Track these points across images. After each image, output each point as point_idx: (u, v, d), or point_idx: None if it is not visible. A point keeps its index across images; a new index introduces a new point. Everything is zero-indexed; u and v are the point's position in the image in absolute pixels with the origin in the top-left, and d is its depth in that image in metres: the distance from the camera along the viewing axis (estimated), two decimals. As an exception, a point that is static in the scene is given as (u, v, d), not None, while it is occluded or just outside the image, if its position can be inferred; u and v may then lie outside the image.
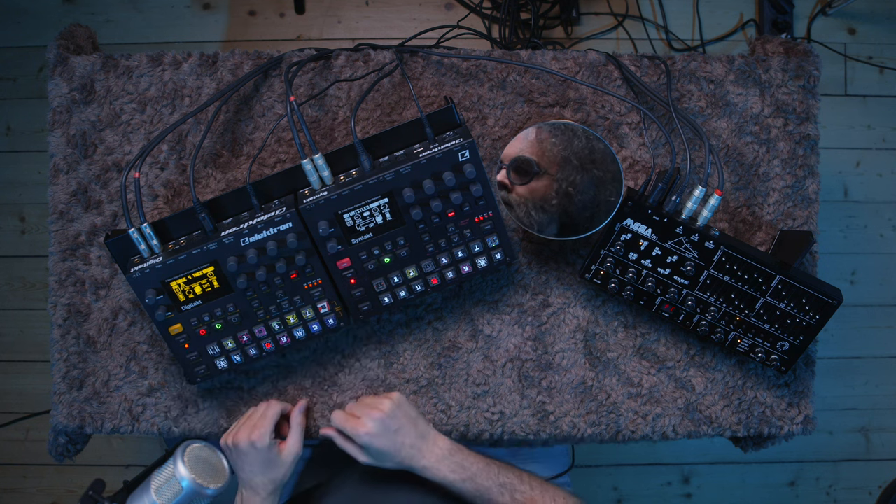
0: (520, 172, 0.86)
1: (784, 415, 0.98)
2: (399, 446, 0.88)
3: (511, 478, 0.89)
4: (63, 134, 0.96)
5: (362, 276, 0.88)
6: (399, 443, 0.88)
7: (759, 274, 0.87)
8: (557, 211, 0.87)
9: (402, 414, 0.89)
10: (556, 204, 0.86)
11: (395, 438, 0.88)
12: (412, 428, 0.89)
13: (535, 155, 0.86)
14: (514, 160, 0.86)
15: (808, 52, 0.98)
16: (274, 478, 0.90)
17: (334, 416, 0.90)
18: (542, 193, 0.86)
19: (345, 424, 0.89)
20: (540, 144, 0.85)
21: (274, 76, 0.97)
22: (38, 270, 1.81)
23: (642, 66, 0.97)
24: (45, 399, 1.78)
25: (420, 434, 0.89)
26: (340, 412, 0.91)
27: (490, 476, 0.88)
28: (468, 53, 0.97)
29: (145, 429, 0.97)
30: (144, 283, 0.84)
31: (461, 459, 0.89)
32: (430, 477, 0.88)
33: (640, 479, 1.85)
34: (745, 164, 0.98)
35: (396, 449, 0.88)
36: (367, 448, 0.88)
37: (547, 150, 0.85)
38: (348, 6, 1.82)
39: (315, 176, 0.84)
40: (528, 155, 0.86)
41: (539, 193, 0.86)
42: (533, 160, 0.86)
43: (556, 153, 0.85)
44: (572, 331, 0.97)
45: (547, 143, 0.85)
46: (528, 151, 0.86)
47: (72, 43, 0.99)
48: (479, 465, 0.89)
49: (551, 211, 0.87)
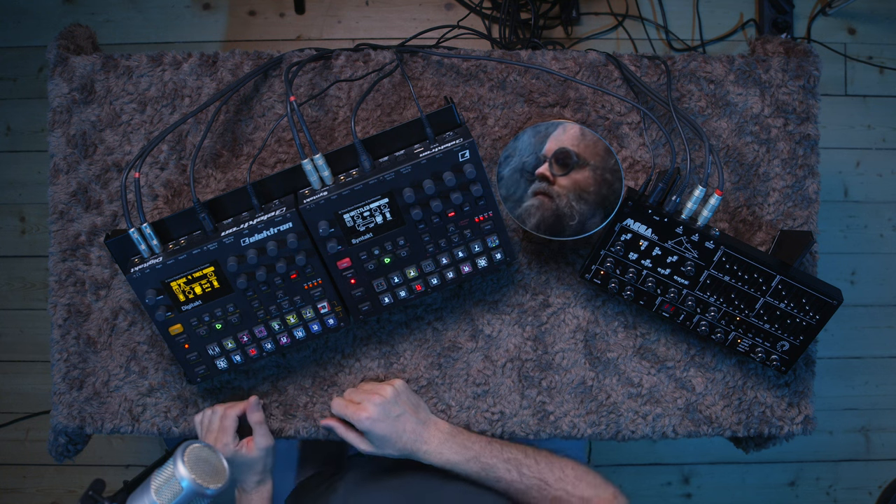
0: (560, 164, 0.86)
1: (784, 415, 0.98)
2: (400, 432, 0.88)
3: (515, 453, 0.89)
4: (63, 134, 0.96)
5: (362, 276, 0.88)
6: (400, 429, 0.88)
7: (759, 274, 0.87)
8: (596, 201, 0.87)
9: (404, 400, 0.90)
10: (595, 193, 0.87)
11: (397, 424, 0.88)
12: (413, 414, 0.90)
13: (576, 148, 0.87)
14: (556, 152, 0.86)
15: (808, 52, 0.98)
16: (256, 471, 0.93)
17: (334, 404, 0.91)
18: (583, 184, 0.86)
19: (345, 411, 0.89)
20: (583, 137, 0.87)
21: (274, 76, 0.97)
22: (38, 270, 1.81)
23: (642, 66, 0.97)
24: (45, 399, 1.78)
25: (421, 420, 0.90)
26: (340, 399, 0.91)
27: (494, 453, 0.88)
28: (468, 53, 0.97)
29: (145, 429, 0.97)
30: (144, 283, 0.84)
31: (463, 440, 0.90)
32: (434, 461, 0.89)
33: (640, 479, 1.85)
34: (745, 164, 0.98)
35: (398, 435, 0.88)
36: (369, 434, 0.88)
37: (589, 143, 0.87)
38: (348, 6, 1.83)
39: (315, 176, 0.84)
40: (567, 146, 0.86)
41: (580, 184, 0.87)
42: (572, 151, 0.86)
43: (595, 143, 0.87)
44: (572, 331, 0.97)
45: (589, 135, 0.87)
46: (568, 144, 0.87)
47: (72, 43, 0.99)
48: (482, 444, 0.89)
49: (591, 201, 0.87)
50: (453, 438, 0.90)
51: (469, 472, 0.88)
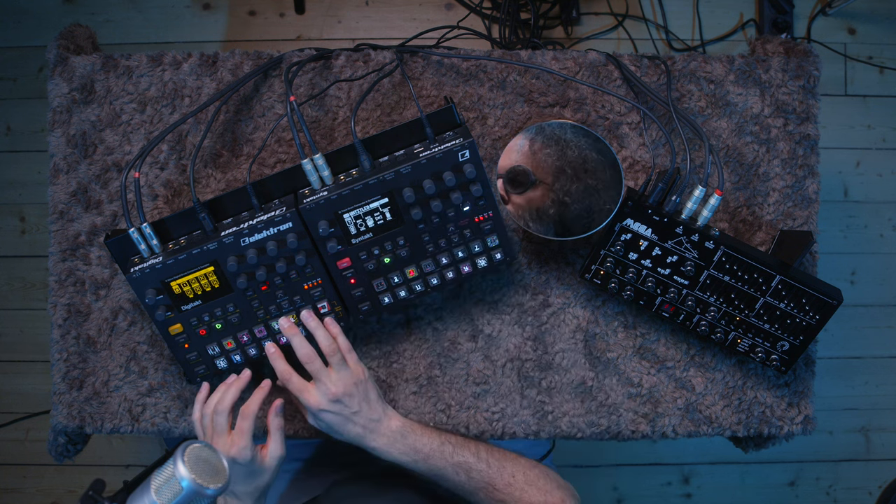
0: (515, 183, 0.86)
1: (784, 415, 0.98)
2: (351, 426, 0.87)
3: (466, 456, 0.88)
4: (63, 134, 0.96)
5: (362, 276, 0.88)
6: (351, 423, 0.87)
7: (759, 274, 0.87)
8: (553, 220, 0.87)
9: (361, 397, 0.87)
10: (553, 213, 0.86)
11: (347, 420, 0.87)
12: (367, 411, 0.88)
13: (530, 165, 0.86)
14: (509, 171, 0.86)
15: (808, 52, 0.98)
16: (258, 485, 0.88)
17: (279, 367, 0.87)
18: (539, 203, 0.87)
19: (300, 393, 0.87)
20: (533, 155, 0.86)
21: (274, 76, 0.97)
22: (38, 270, 1.81)
23: (642, 66, 0.97)
24: (45, 399, 1.78)
25: (374, 417, 0.88)
26: (287, 365, 0.88)
27: (444, 456, 0.88)
28: (468, 53, 0.97)
29: (145, 429, 0.97)
30: (144, 283, 0.84)
31: (413, 441, 0.88)
32: (382, 457, 0.88)
33: (640, 479, 1.85)
34: (745, 164, 0.98)
35: (346, 428, 0.87)
36: (315, 416, 0.87)
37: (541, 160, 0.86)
38: (348, 6, 1.82)
39: (315, 176, 0.84)
40: (523, 165, 0.86)
41: (535, 203, 0.87)
42: (529, 170, 0.86)
43: (550, 163, 0.85)
44: (572, 331, 0.97)
45: (540, 153, 0.85)
46: (522, 161, 0.86)
47: (72, 43, 0.99)
48: (433, 446, 0.88)
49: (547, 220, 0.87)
50: (403, 440, 0.88)
51: (417, 471, 0.88)
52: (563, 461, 1.80)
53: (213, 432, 0.86)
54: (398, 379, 0.97)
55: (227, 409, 0.86)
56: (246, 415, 0.86)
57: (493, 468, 0.88)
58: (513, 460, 0.90)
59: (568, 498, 0.89)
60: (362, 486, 0.99)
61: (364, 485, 1.00)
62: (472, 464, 0.88)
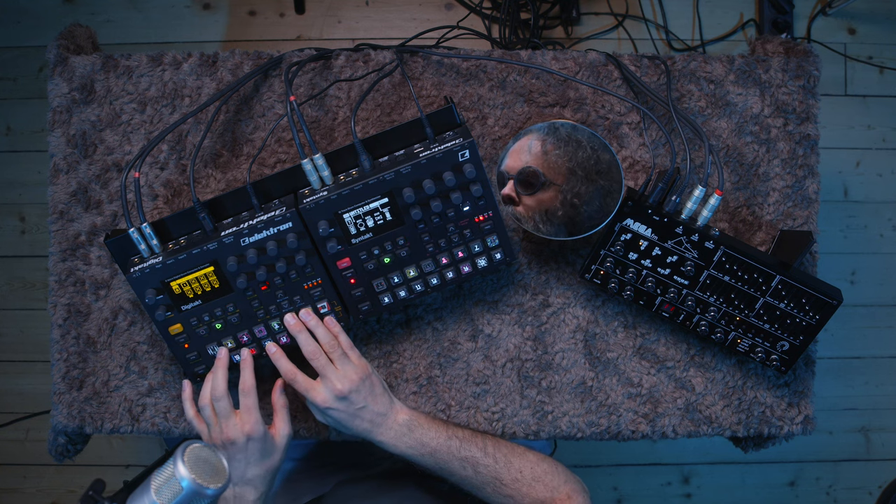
0: (525, 185, 0.86)
1: (784, 415, 0.98)
2: (358, 421, 0.87)
3: (473, 451, 0.88)
4: (63, 134, 0.96)
5: (362, 276, 0.88)
6: (358, 419, 0.87)
7: (759, 274, 0.87)
8: (563, 221, 0.87)
9: (366, 392, 0.87)
10: (562, 214, 0.86)
11: (354, 416, 0.87)
12: (373, 406, 0.87)
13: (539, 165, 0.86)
14: (520, 172, 0.86)
15: (808, 52, 0.98)
16: (270, 466, 0.88)
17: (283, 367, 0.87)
18: (549, 205, 0.86)
19: (306, 392, 0.86)
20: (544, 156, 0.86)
21: (274, 76, 0.97)
22: (38, 270, 1.81)
23: (642, 66, 0.97)
24: (45, 399, 1.78)
25: (380, 411, 0.88)
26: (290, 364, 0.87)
27: (451, 451, 0.88)
28: (468, 53, 0.97)
29: (145, 429, 0.97)
30: (144, 283, 0.84)
31: (420, 435, 0.88)
32: (389, 451, 0.88)
33: (640, 479, 1.85)
34: (745, 164, 0.98)
35: (353, 424, 0.87)
36: (323, 413, 0.87)
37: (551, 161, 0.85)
38: (348, 6, 1.83)
39: (315, 176, 0.84)
40: (533, 166, 0.86)
41: (545, 204, 0.87)
42: (539, 171, 0.86)
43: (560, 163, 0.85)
44: (572, 331, 0.97)
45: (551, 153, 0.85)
46: (531, 162, 0.86)
47: (72, 43, 0.99)
48: (440, 440, 0.88)
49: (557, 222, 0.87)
50: (410, 433, 0.88)
51: (424, 465, 0.88)
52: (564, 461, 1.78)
53: (218, 419, 0.86)
54: (398, 379, 0.97)
55: (224, 393, 0.86)
56: (246, 391, 0.86)
57: (501, 463, 0.88)
58: (520, 455, 0.90)
59: (576, 492, 0.89)
60: (368, 486, 0.99)
61: (370, 484, 1.00)
62: (479, 459, 0.88)
